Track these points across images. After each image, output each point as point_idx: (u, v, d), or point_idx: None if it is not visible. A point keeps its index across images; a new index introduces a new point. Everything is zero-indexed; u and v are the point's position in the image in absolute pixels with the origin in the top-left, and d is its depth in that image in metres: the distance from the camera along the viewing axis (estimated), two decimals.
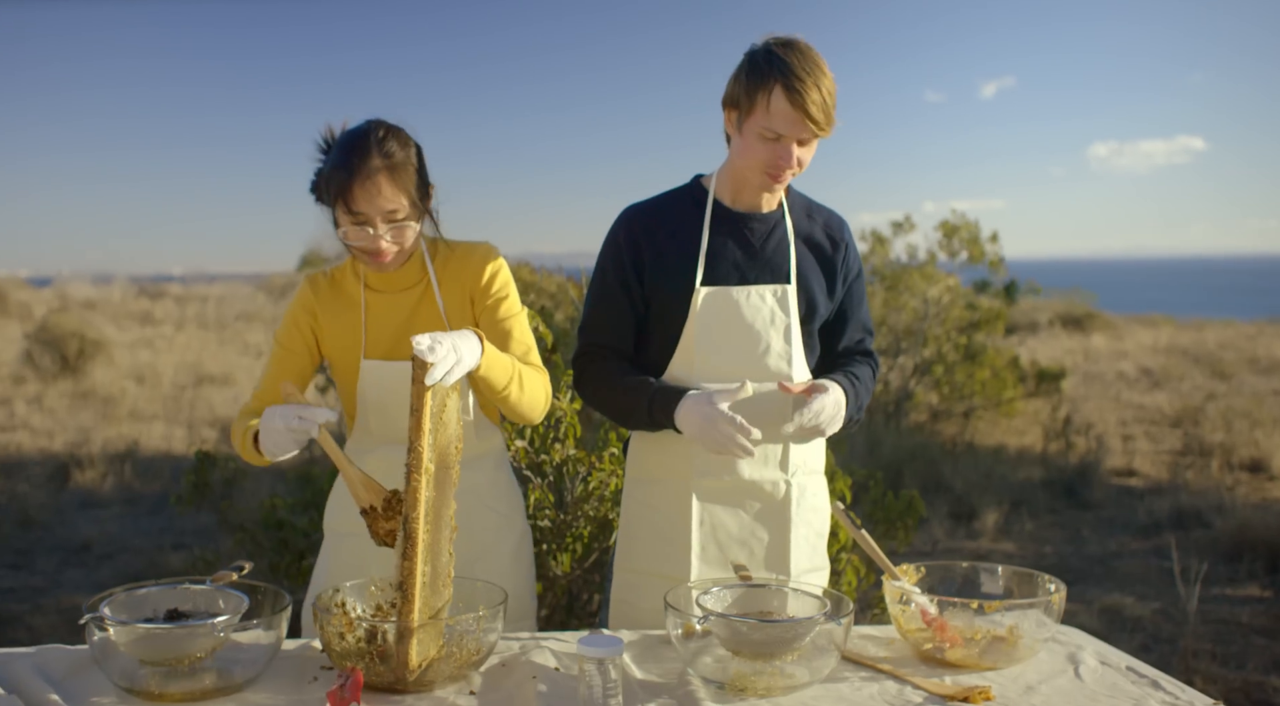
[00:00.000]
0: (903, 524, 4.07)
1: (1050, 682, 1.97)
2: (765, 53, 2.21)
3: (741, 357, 2.32)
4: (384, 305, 2.35)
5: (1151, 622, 5.25)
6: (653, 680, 1.95)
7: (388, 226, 2.21)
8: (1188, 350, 17.18)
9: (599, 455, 3.32)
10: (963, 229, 10.48)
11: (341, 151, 2.19)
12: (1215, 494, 7.80)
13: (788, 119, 2.18)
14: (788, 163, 2.22)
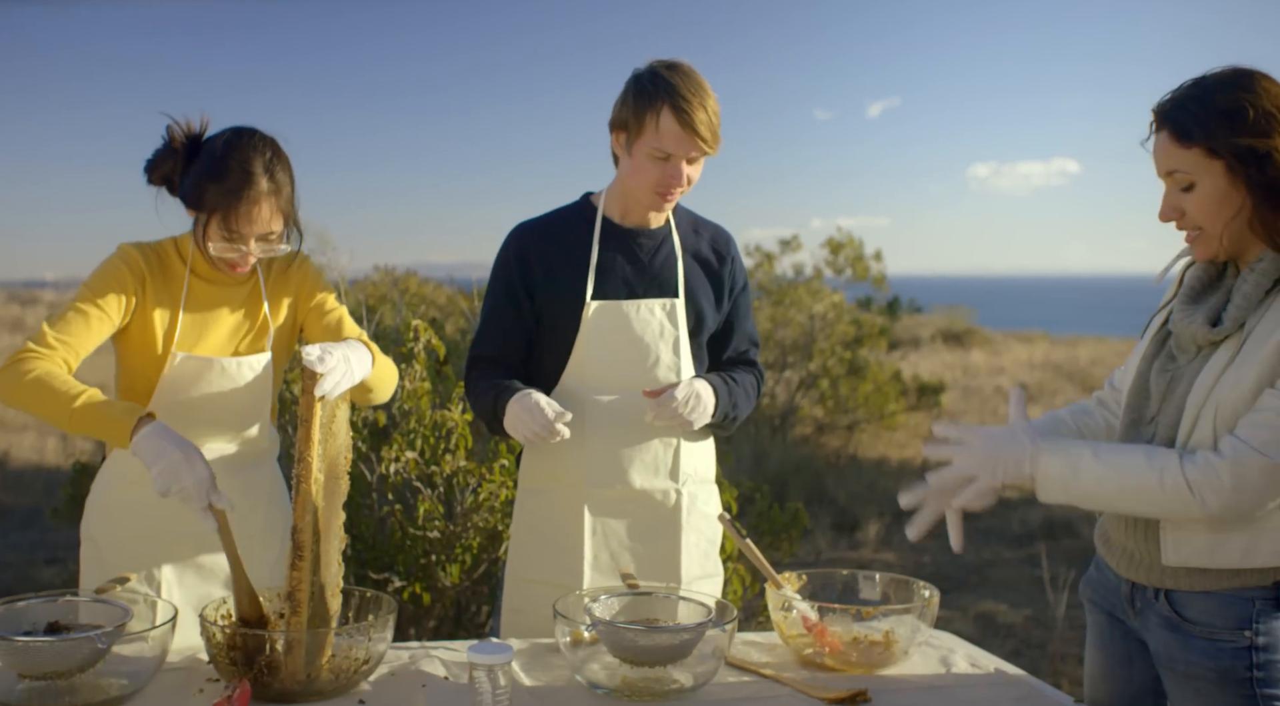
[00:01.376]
0: (787, 535, 4.17)
1: (924, 685, 2.05)
2: (651, 75, 2.28)
3: (632, 370, 2.37)
4: (208, 295, 2.28)
5: (1023, 628, 5.45)
6: (541, 686, 1.98)
7: (260, 245, 2.20)
8: (1061, 366, 17.78)
9: (489, 466, 3.34)
10: (848, 246, 10.73)
11: (224, 168, 2.15)
12: None
13: (677, 139, 2.24)
14: (678, 181, 2.29)
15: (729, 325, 2.53)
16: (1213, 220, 1.80)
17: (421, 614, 3.65)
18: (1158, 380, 1.90)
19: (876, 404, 10.03)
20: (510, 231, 2.47)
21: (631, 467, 2.38)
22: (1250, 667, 1.78)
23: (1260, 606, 1.78)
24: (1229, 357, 1.78)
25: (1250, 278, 1.79)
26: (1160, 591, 1.87)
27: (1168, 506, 1.76)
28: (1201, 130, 1.75)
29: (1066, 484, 1.81)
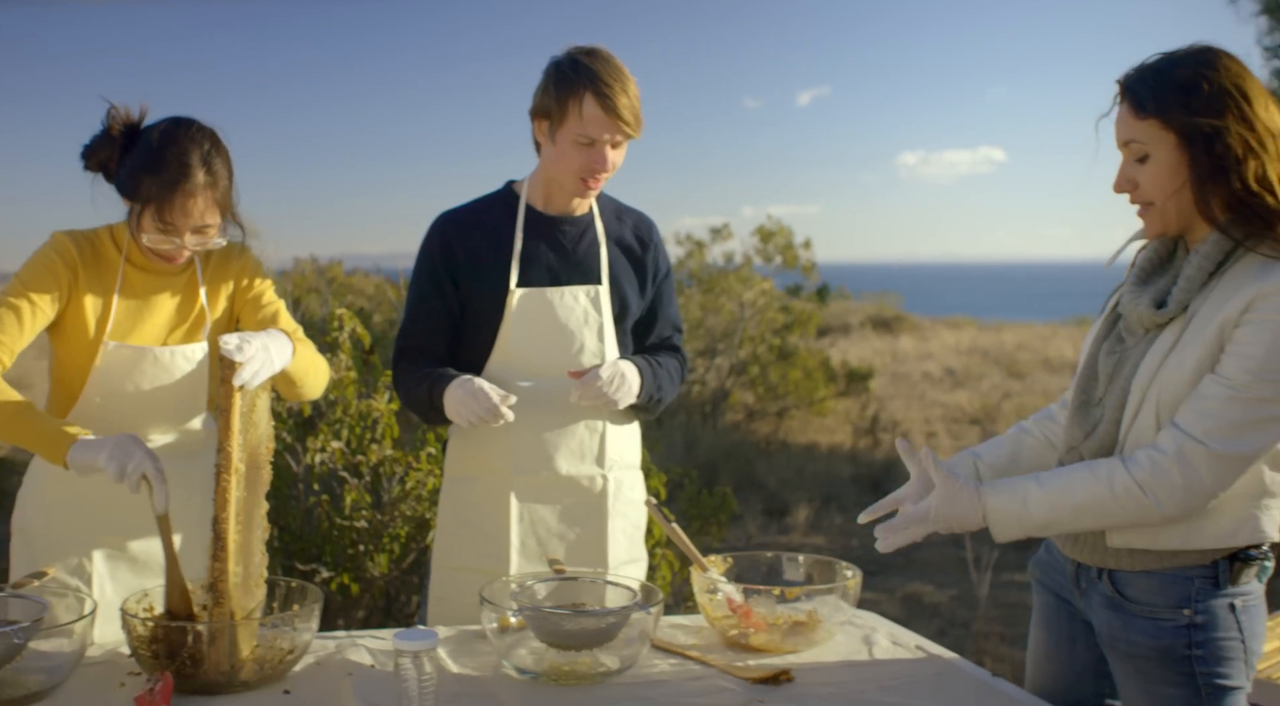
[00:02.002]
0: (716, 519, 4.21)
1: (846, 662, 2.10)
2: (571, 62, 2.29)
3: (557, 356, 2.38)
4: (143, 284, 2.25)
5: (948, 608, 5.56)
6: (468, 673, 1.99)
7: (195, 238, 2.18)
8: (988, 351, 18.10)
9: (416, 455, 3.33)
10: (778, 234, 10.82)
11: (161, 159, 2.11)
12: None
13: (600, 123, 2.26)
14: (602, 166, 2.31)
15: (652, 311, 2.55)
16: (1162, 193, 1.82)
17: (350, 604, 3.64)
18: (1105, 361, 1.93)
19: (806, 390, 10.14)
20: (434, 221, 2.47)
21: (558, 454, 2.39)
22: (1189, 646, 1.81)
23: (1199, 585, 1.82)
24: (1173, 341, 1.80)
25: (1194, 260, 1.80)
26: (1104, 571, 1.90)
27: (1124, 514, 1.78)
28: (1157, 102, 1.78)
29: (1020, 519, 1.83)
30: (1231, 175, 1.75)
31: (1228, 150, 1.74)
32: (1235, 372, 1.72)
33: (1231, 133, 1.74)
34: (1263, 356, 1.70)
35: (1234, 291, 1.75)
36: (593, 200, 2.49)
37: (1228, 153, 1.74)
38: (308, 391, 2.32)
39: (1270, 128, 1.76)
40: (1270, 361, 1.70)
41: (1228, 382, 1.72)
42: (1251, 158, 1.75)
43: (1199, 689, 1.82)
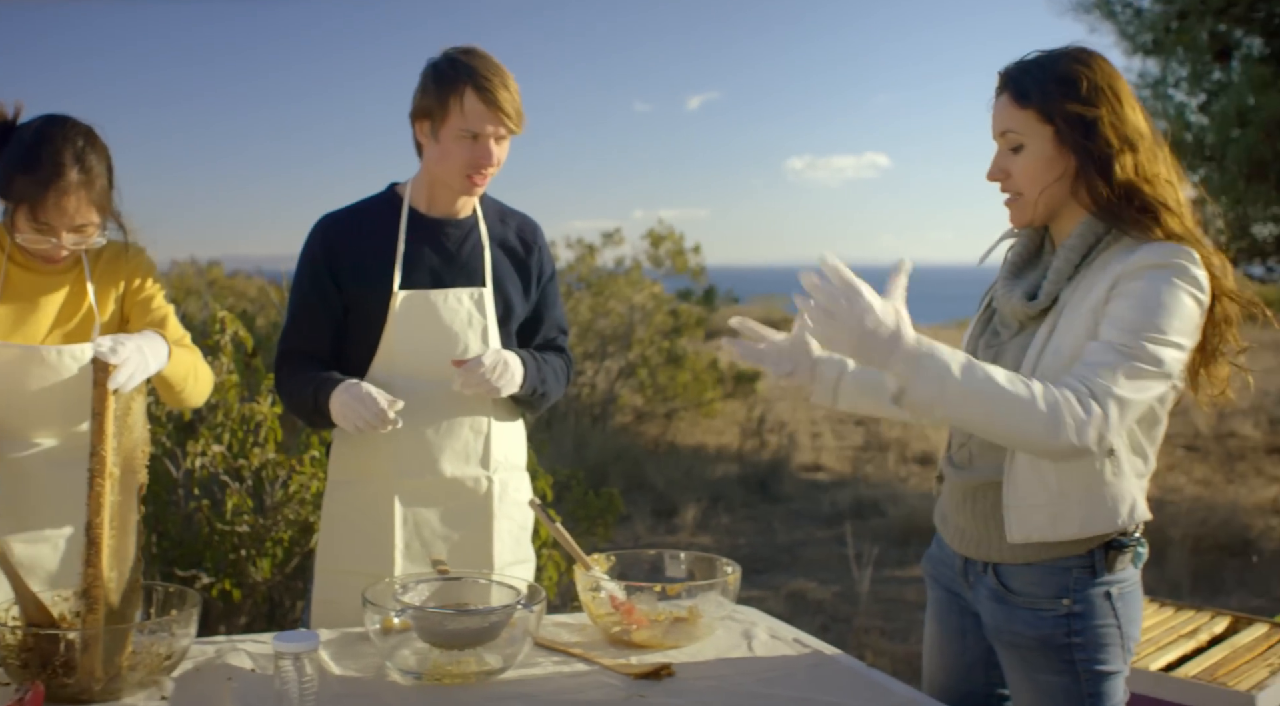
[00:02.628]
0: (603, 521, 4.24)
1: (726, 657, 2.14)
2: (449, 60, 2.32)
3: (441, 359, 2.39)
4: (28, 283, 2.20)
5: (831, 604, 5.68)
6: (351, 675, 1.98)
7: (73, 237, 2.13)
8: None
9: (299, 458, 3.30)
10: (668, 239, 10.91)
11: (34, 158, 2.07)
12: (890, 485, 8.48)
13: (482, 117, 2.28)
14: (487, 160, 2.32)
15: (537, 313, 2.57)
16: (1033, 184, 1.89)
17: (232, 611, 3.58)
18: (983, 356, 1.98)
19: (694, 392, 10.25)
20: (315, 224, 2.46)
21: (442, 456, 2.40)
22: (1069, 634, 1.87)
23: (1076, 575, 1.88)
24: (1049, 331, 1.86)
25: (1062, 253, 1.88)
26: (989, 565, 1.96)
27: (1030, 425, 1.70)
28: (1039, 93, 1.85)
29: (943, 380, 1.71)
30: (1113, 165, 1.82)
31: (1106, 143, 1.83)
32: (1108, 333, 1.77)
33: (1107, 125, 1.83)
34: (1130, 317, 1.76)
35: (1100, 279, 1.83)
36: (476, 203, 2.50)
37: (1107, 145, 1.83)
38: (189, 398, 2.29)
39: (1139, 128, 1.85)
40: (1137, 321, 1.75)
41: (1104, 339, 1.77)
42: (1128, 150, 1.83)
43: (1078, 675, 1.88)
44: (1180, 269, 1.79)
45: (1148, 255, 1.80)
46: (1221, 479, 8.54)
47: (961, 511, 2.01)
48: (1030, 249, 2.01)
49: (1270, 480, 8.50)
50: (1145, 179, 1.84)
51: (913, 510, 7.24)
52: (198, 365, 2.28)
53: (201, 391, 2.31)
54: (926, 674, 2.18)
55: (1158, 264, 1.78)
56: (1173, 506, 7.50)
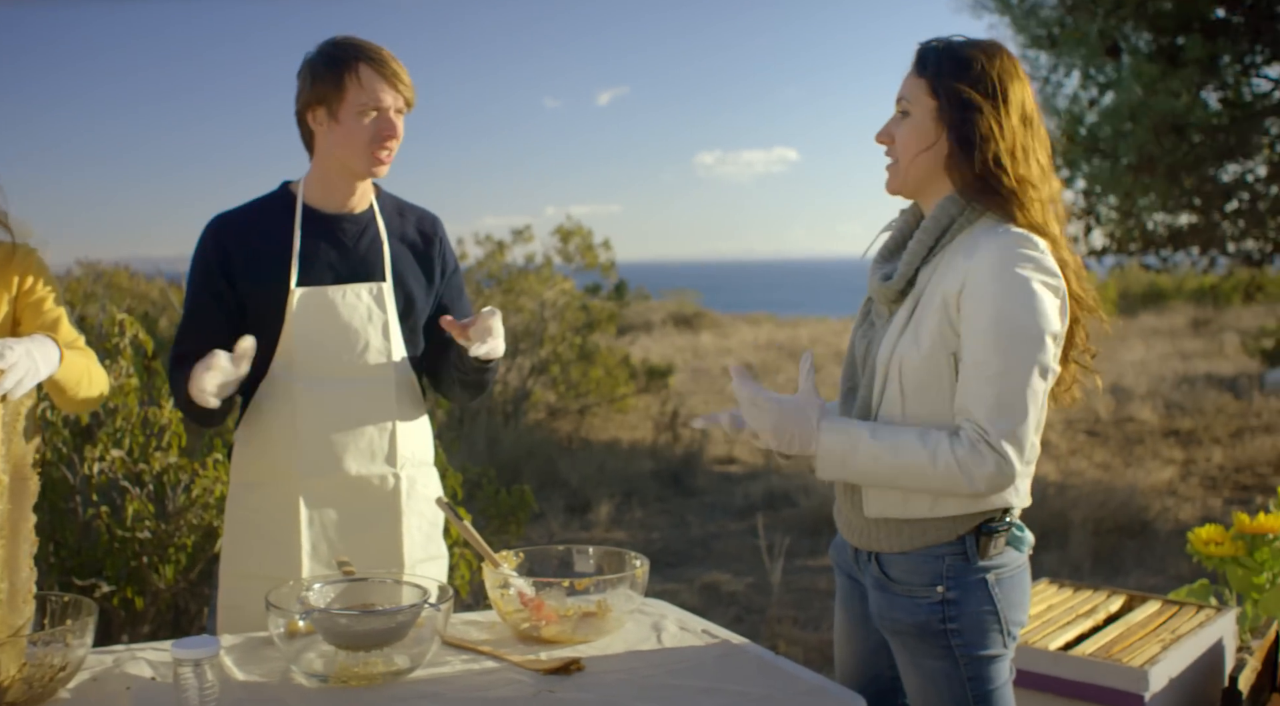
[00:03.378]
0: (515, 518, 4.24)
1: (635, 649, 2.15)
2: (332, 45, 2.33)
3: (341, 356, 2.36)
4: None
5: (744, 595, 5.74)
6: (255, 680, 1.96)
7: None
8: (784, 345, 18.66)
9: (202, 462, 3.24)
10: (577, 234, 10.90)
11: None
12: (801, 476, 8.58)
13: (381, 88, 2.29)
14: (392, 132, 2.32)
15: (444, 308, 2.56)
16: (907, 151, 1.94)
17: (136, 618, 3.50)
18: (859, 345, 2.03)
19: (607, 387, 10.26)
20: (208, 224, 2.42)
21: (346, 454, 2.37)
22: (944, 620, 1.92)
23: (950, 562, 1.92)
24: (907, 314, 1.90)
25: (918, 234, 1.93)
26: (873, 554, 2.00)
27: (939, 484, 1.84)
28: (934, 67, 1.91)
29: (845, 461, 1.87)
30: (983, 152, 1.88)
31: (979, 131, 1.88)
32: (972, 350, 1.82)
33: (986, 114, 1.88)
34: (989, 327, 1.81)
35: (951, 265, 1.88)
36: (373, 197, 2.48)
37: (979, 133, 1.88)
38: (82, 402, 2.24)
39: (1013, 130, 1.90)
40: (997, 333, 1.80)
41: (974, 364, 1.82)
42: (999, 142, 1.88)
43: (957, 660, 1.93)
44: (1028, 259, 1.83)
45: (994, 248, 1.84)
46: (1120, 462, 8.80)
47: (847, 503, 2.05)
48: (903, 235, 2.06)
49: (1166, 462, 8.78)
50: (1013, 175, 1.89)
51: (824, 500, 7.34)
52: (91, 368, 2.22)
53: (95, 395, 2.26)
54: (838, 660, 2.22)
55: (1005, 257, 1.83)
56: (1074, 490, 7.71)
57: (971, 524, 1.93)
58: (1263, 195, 9.26)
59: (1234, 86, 8.72)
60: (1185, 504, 7.40)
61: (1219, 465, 8.64)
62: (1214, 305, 20.99)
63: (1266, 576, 2.76)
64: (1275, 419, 10.12)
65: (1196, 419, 10.39)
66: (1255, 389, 11.78)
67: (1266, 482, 7.94)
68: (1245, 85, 8.85)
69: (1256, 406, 10.75)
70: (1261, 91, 9.00)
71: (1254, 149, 8.97)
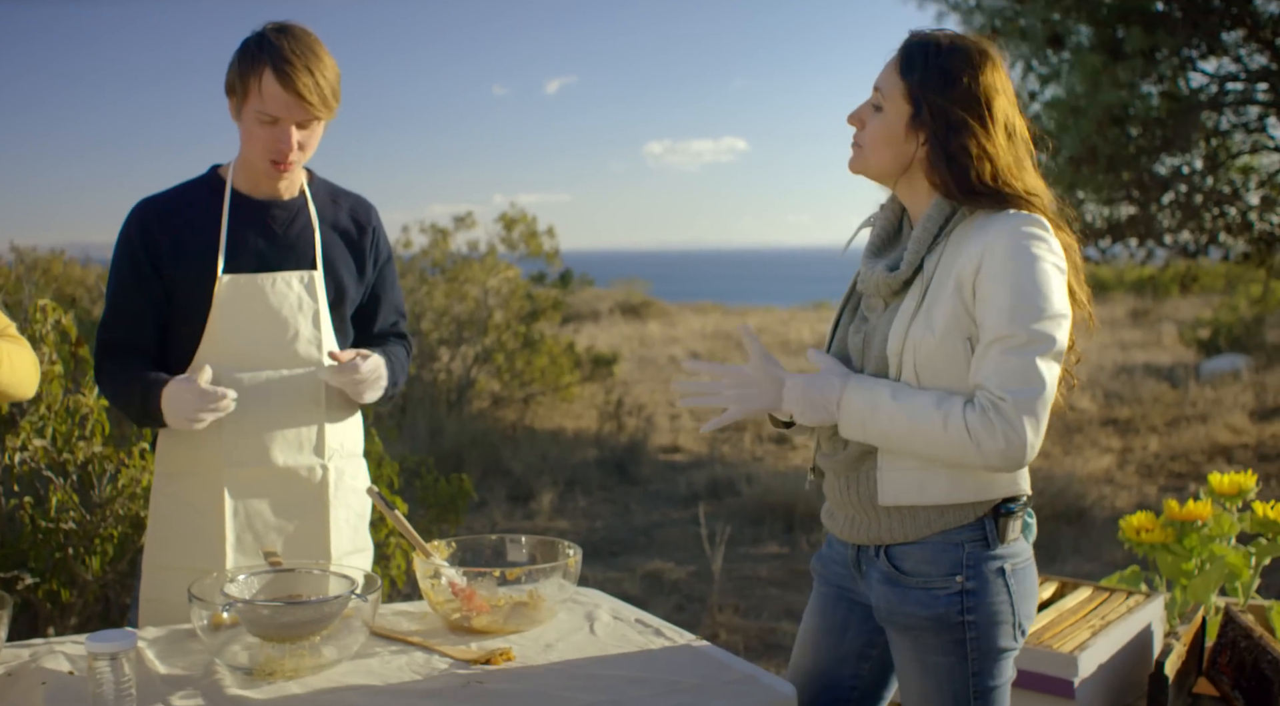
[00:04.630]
0: (454, 507, 4.20)
1: (567, 639, 2.14)
2: (258, 38, 2.25)
3: (270, 345, 2.32)
4: None
5: (686, 584, 5.74)
6: (177, 673, 1.92)
7: None
8: (730, 334, 18.73)
9: (129, 451, 3.17)
10: (521, 222, 10.84)
11: None
12: (746, 465, 8.61)
13: (279, 101, 2.21)
14: (288, 147, 2.25)
15: (375, 297, 2.52)
16: (874, 143, 1.93)
17: (62, 612, 3.43)
18: (854, 339, 2.00)
19: (552, 376, 10.23)
20: (132, 208, 2.35)
21: (273, 445, 2.33)
22: (962, 612, 1.87)
23: (969, 549, 1.88)
24: (916, 301, 1.88)
25: (921, 224, 1.91)
26: (880, 549, 1.95)
27: (949, 450, 1.81)
28: (919, 74, 1.87)
29: (865, 420, 1.86)
30: (971, 171, 1.86)
31: (964, 149, 1.86)
32: (993, 326, 1.81)
33: (973, 134, 1.86)
34: (1008, 304, 1.80)
35: (961, 247, 1.86)
36: (305, 183, 2.43)
37: (963, 151, 1.86)
38: (8, 389, 2.18)
39: (1001, 146, 1.88)
40: (1016, 306, 1.79)
41: (993, 337, 1.80)
42: (986, 161, 1.86)
43: (967, 655, 1.89)
44: (1038, 238, 1.84)
45: (1007, 229, 1.83)
46: (1060, 451, 8.91)
47: (846, 499, 2.00)
48: (890, 229, 2.04)
49: (1104, 451, 8.91)
50: (1019, 188, 1.88)
51: (766, 489, 7.37)
52: (14, 354, 2.16)
53: (22, 382, 2.19)
54: (795, 661, 2.18)
55: (1020, 237, 1.83)
56: None
57: (988, 506, 1.90)
58: (1199, 188, 9.41)
59: (1172, 79, 8.84)
60: (1122, 491, 7.52)
61: (1155, 453, 8.79)
62: (1153, 296, 21.36)
63: (1195, 562, 2.80)
64: (1210, 408, 10.31)
65: (1134, 408, 10.56)
66: (1191, 378, 11.99)
67: (1200, 470, 8.08)
68: (1182, 78, 8.98)
69: (1192, 396, 10.94)
70: (1198, 85, 9.14)
71: (1191, 142, 9.11)
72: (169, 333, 2.35)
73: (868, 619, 2.08)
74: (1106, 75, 8.11)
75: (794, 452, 9.24)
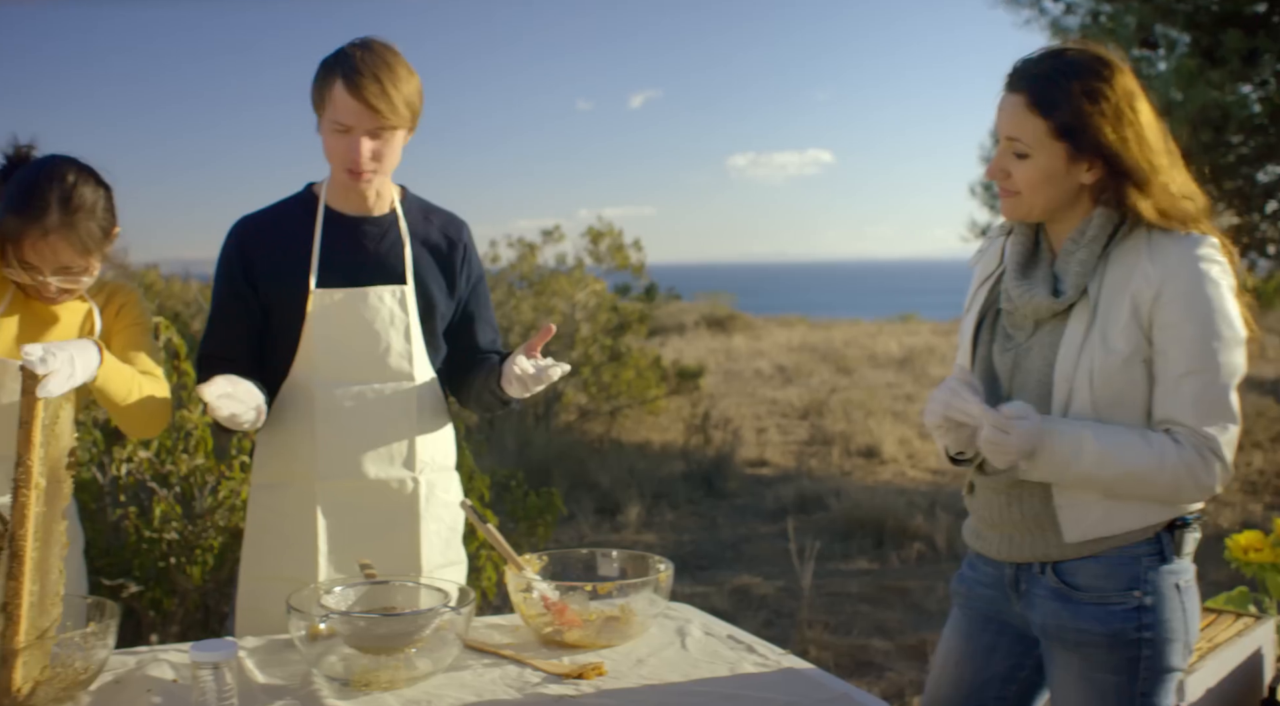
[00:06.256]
0: (543, 521, 4.22)
1: (659, 654, 2.13)
2: (336, 53, 2.30)
3: (363, 358, 2.35)
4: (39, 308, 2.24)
5: (775, 599, 5.70)
6: (276, 683, 1.95)
7: (59, 277, 2.14)
8: (817, 347, 18.59)
9: (228, 464, 3.25)
10: (608, 235, 10.89)
11: (21, 198, 2.09)
12: (834, 479, 8.53)
13: (349, 110, 2.24)
14: (358, 154, 2.27)
15: (470, 315, 2.54)
16: (1035, 192, 1.87)
17: (164, 620, 3.52)
18: (1001, 360, 1.95)
19: (638, 389, 10.24)
20: (231, 227, 2.42)
21: (365, 458, 2.36)
22: (1139, 628, 1.83)
23: (1146, 564, 1.84)
24: (1084, 326, 1.83)
25: (1083, 244, 1.86)
26: (1046, 565, 1.90)
27: (1163, 490, 1.79)
28: (1060, 109, 1.81)
29: (1066, 465, 1.80)
30: (1144, 189, 1.81)
31: (1134, 167, 1.81)
32: (1182, 359, 1.78)
33: (1132, 150, 1.82)
34: (1198, 335, 1.78)
35: (1130, 269, 1.82)
36: (395, 199, 2.46)
37: (1135, 169, 1.82)
38: (135, 419, 2.25)
39: (1155, 148, 1.85)
40: (1205, 337, 1.78)
41: (1184, 371, 1.78)
42: (1153, 172, 1.82)
43: (1137, 673, 1.84)
44: (1216, 262, 1.81)
45: (1188, 255, 1.80)
46: None
47: (1007, 516, 1.95)
48: (1028, 246, 1.98)
49: None
50: (1176, 194, 1.84)
51: (855, 504, 7.28)
52: (144, 384, 2.21)
53: (148, 420, 2.26)
54: (934, 684, 2.13)
55: (1201, 264, 1.80)
56: None
57: (1165, 521, 1.86)
58: None
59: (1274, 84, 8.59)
60: (1225, 509, 7.29)
61: (1259, 470, 8.51)
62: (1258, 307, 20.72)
63: None
64: None
65: None
66: None
67: None
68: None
69: None
70: None
71: None
72: (267, 346, 2.40)
73: (1018, 641, 2.02)
74: (1203, 79, 7.91)
75: (882, 467, 9.13)
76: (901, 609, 5.47)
